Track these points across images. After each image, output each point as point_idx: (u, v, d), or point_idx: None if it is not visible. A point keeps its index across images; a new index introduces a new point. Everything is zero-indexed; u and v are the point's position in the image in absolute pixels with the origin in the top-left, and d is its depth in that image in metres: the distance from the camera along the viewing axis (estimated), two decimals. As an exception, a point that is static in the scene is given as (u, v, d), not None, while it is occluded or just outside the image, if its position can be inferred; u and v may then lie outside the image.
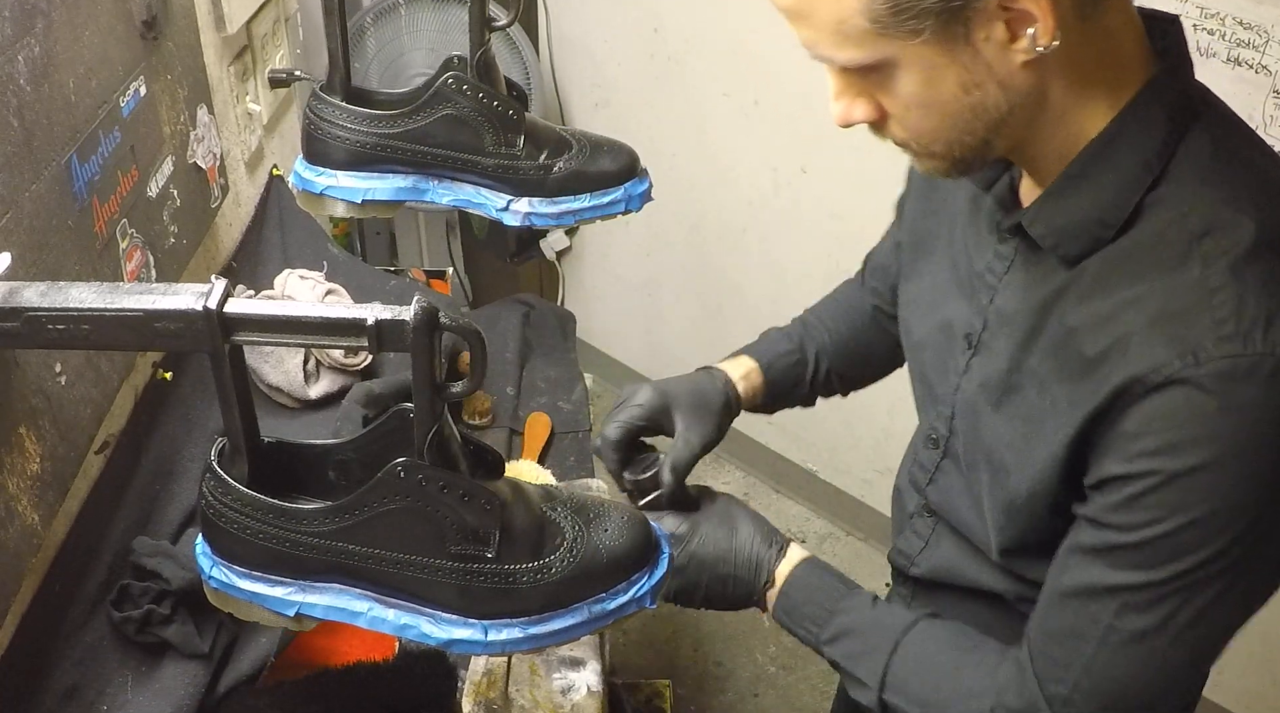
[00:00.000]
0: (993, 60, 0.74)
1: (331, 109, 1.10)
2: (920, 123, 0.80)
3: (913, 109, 0.79)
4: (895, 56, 0.75)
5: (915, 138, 0.82)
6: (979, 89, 0.76)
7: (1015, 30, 0.73)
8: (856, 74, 0.80)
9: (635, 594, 0.88)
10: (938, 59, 0.75)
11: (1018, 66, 0.75)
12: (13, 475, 0.96)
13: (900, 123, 0.81)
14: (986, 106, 0.77)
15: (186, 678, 1.10)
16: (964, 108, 0.77)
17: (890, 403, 2.45)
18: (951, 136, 0.80)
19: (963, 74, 0.75)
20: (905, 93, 0.78)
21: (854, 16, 0.73)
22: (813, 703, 2.31)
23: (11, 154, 0.96)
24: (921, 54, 0.74)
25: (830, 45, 0.77)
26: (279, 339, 0.76)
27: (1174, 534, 0.78)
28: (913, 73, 0.76)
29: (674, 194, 2.56)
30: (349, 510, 0.81)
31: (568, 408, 1.70)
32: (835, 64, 0.79)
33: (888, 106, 0.81)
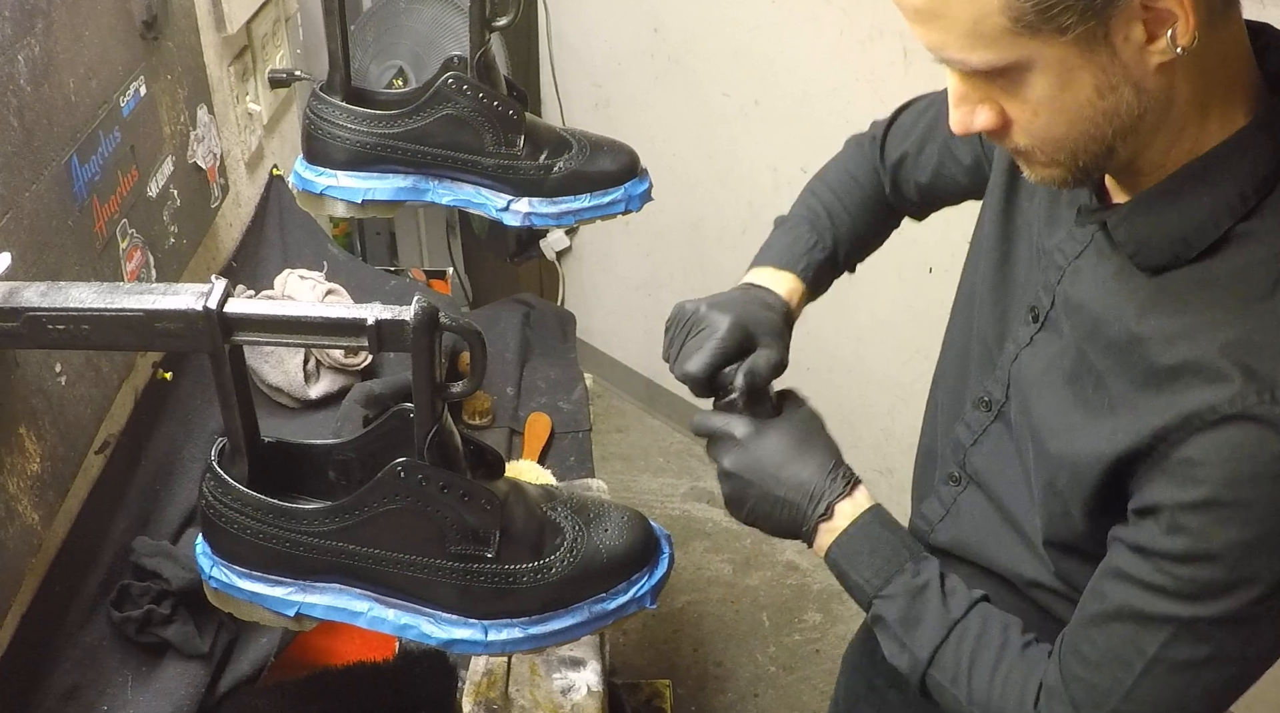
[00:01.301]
0: (1129, 62, 0.73)
1: (331, 109, 1.10)
2: (1048, 129, 0.78)
3: (1042, 114, 0.77)
4: (1031, 58, 0.74)
5: (1040, 145, 0.80)
6: (1113, 92, 0.75)
7: (1153, 31, 0.72)
8: (983, 78, 0.77)
9: (635, 594, 0.88)
10: (1075, 60, 0.73)
11: (1152, 69, 0.74)
12: (13, 475, 0.96)
13: (1025, 130, 0.79)
14: (1120, 111, 0.76)
15: (186, 678, 1.10)
16: (1096, 112, 0.76)
17: (890, 403, 2.45)
18: (1078, 144, 0.78)
19: (1099, 76, 0.74)
20: (1036, 96, 0.76)
21: (994, 15, 0.71)
22: (813, 703, 2.31)
23: (11, 154, 0.96)
24: (1060, 55, 0.73)
25: (962, 46, 0.75)
26: (279, 339, 0.76)
27: (1225, 570, 0.77)
28: (1048, 75, 0.74)
29: (674, 194, 2.56)
30: (349, 510, 0.82)
31: (568, 408, 1.70)
32: (966, 67, 0.76)
33: (1012, 112, 0.79)
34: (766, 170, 2.42)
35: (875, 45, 2.10)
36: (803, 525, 0.97)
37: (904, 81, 2.08)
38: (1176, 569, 0.79)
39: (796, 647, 2.43)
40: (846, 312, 2.43)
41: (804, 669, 2.38)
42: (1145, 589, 0.81)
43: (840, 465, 0.98)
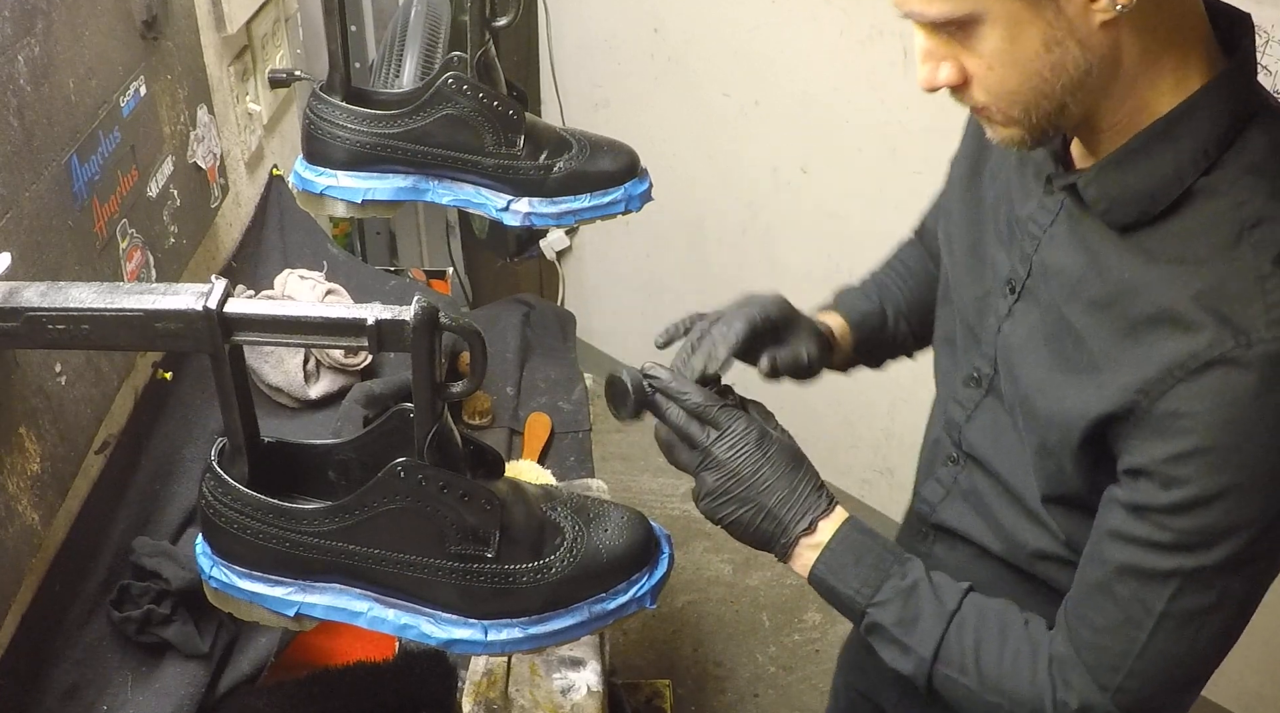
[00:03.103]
0: (1074, 18, 0.77)
1: (331, 109, 1.10)
2: (1002, 82, 0.82)
3: (995, 68, 0.82)
4: (983, 11, 0.78)
5: (996, 99, 0.84)
6: (1059, 46, 0.79)
7: None
8: (944, 34, 0.82)
9: (635, 594, 0.88)
10: (1022, 14, 0.78)
11: (1096, 26, 0.78)
12: (13, 475, 0.96)
13: (982, 85, 0.84)
14: (1065, 65, 0.80)
15: (186, 678, 1.10)
16: (1044, 66, 0.80)
17: (890, 403, 2.45)
18: (1030, 99, 0.82)
19: (1045, 30, 0.78)
20: (989, 50, 0.81)
21: None
22: (813, 703, 2.31)
23: (11, 154, 0.96)
24: (1008, 9, 0.78)
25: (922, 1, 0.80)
26: (279, 339, 0.76)
27: (1222, 514, 0.80)
28: (998, 28, 0.79)
29: (674, 194, 2.56)
30: (349, 510, 0.81)
31: (568, 408, 1.70)
32: (925, 19, 0.81)
33: (971, 68, 0.83)
34: (766, 170, 2.42)
35: (875, 45, 2.10)
36: (782, 539, 0.97)
37: (904, 81, 2.08)
38: (1175, 522, 0.81)
39: (796, 647, 2.43)
40: (846, 312, 2.43)
41: (804, 669, 2.38)
42: (1147, 547, 0.83)
43: (824, 486, 1.00)
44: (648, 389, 0.99)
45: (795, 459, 0.99)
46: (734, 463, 0.96)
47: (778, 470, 0.96)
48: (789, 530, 0.96)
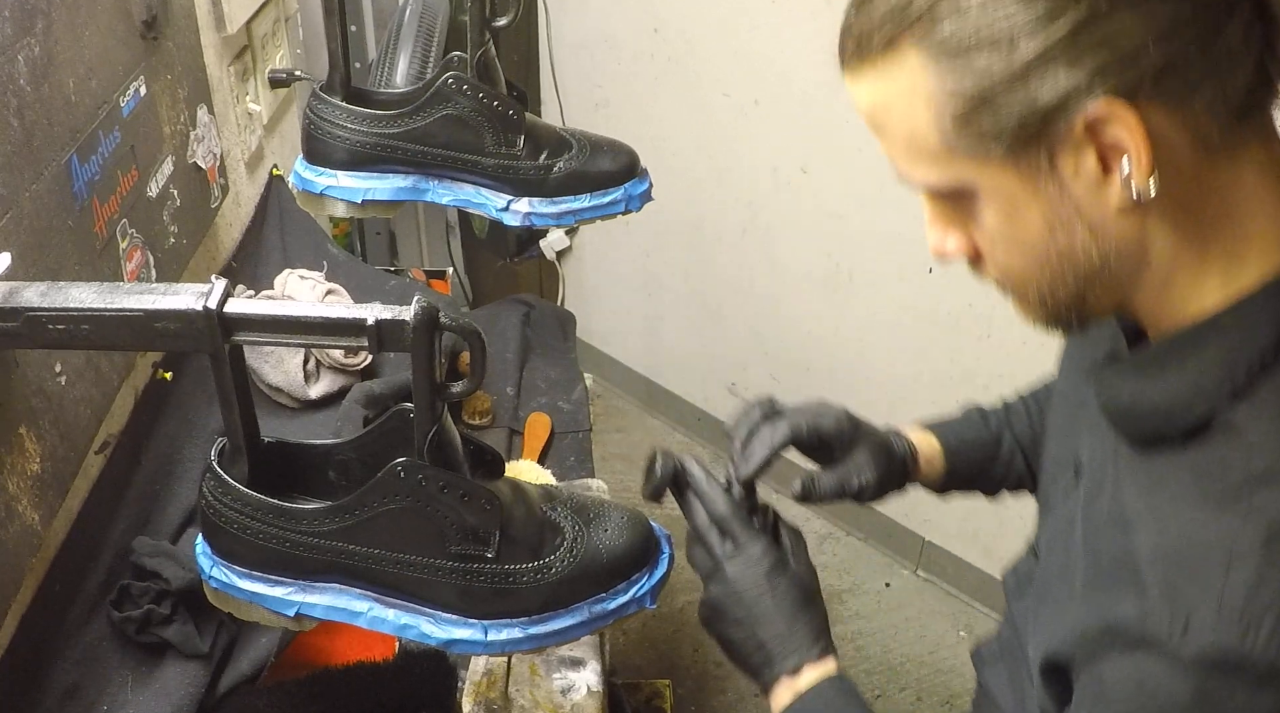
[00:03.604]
0: (1082, 199, 0.65)
1: (331, 109, 1.10)
2: (1008, 262, 0.71)
3: (999, 246, 0.70)
4: (972, 183, 0.67)
5: (1006, 281, 0.73)
6: (1066, 231, 0.66)
7: (1110, 164, 0.63)
8: (946, 201, 0.71)
9: (635, 594, 0.88)
10: (1017, 189, 0.66)
11: (1113, 210, 0.65)
12: (13, 475, 0.96)
13: (991, 261, 0.72)
14: (1075, 252, 0.67)
15: (186, 678, 1.10)
16: (1050, 250, 0.68)
17: (890, 403, 2.45)
18: (1042, 284, 0.70)
19: (1047, 210, 0.66)
20: (988, 226, 0.69)
21: (926, 130, 0.66)
22: (813, 703, 2.31)
23: (11, 154, 0.96)
24: (1000, 182, 0.66)
25: (906, 162, 0.70)
26: (279, 339, 0.76)
27: None
28: (993, 203, 0.68)
29: (674, 194, 2.55)
30: (349, 510, 0.82)
31: (568, 408, 1.70)
32: (913, 184, 0.71)
33: (979, 242, 0.72)
34: (766, 170, 2.42)
35: (875, 45, 2.10)
36: (765, 673, 0.91)
37: None
38: None
39: (796, 647, 2.43)
40: (846, 312, 2.43)
41: (804, 669, 2.38)
42: None
43: (827, 634, 0.92)
44: (681, 477, 0.96)
45: (805, 598, 0.91)
46: (740, 584, 0.90)
47: (781, 605, 0.90)
48: (774, 667, 0.90)
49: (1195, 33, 0.60)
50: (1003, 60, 0.62)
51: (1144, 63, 0.60)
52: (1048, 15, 0.60)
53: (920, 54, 0.65)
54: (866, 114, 0.71)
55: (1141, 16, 0.60)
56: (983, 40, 0.62)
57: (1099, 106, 0.61)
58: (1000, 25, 0.61)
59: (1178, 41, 0.60)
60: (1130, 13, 0.60)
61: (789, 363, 2.62)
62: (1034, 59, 0.61)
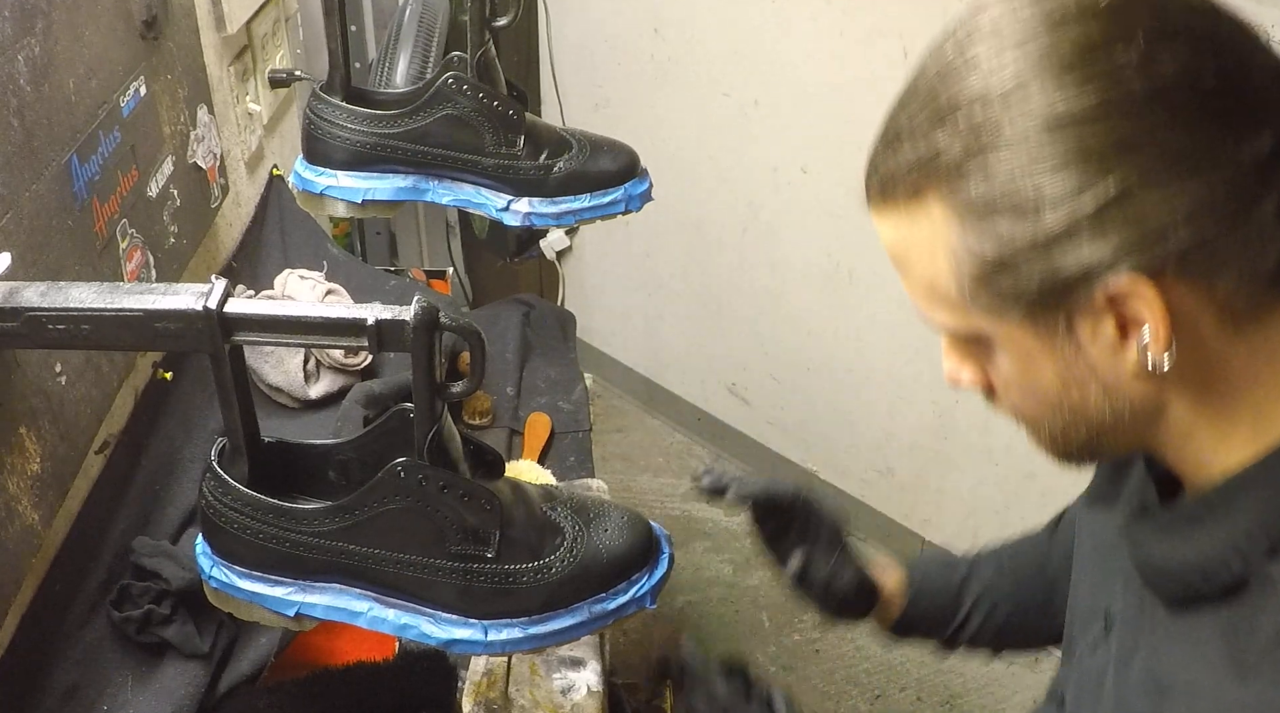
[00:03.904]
0: (1098, 361, 0.64)
1: (331, 109, 1.10)
2: (1021, 405, 0.71)
3: (1012, 390, 0.70)
4: (989, 332, 0.67)
5: (1019, 417, 0.72)
6: (1079, 388, 0.66)
7: (1128, 331, 0.62)
8: (962, 341, 0.71)
9: (635, 594, 0.88)
10: (1033, 345, 0.65)
11: (1129, 373, 0.63)
12: (13, 475, 0.96)
13: (1005, 399, 0.72)
14: (1087, 407, 0.67)
15: (186, 678, 1.10)
16: (1063, 404, 0.67)
17: (890, 403, 2.45)
18: (1055, 429, 0.69)
19: (1061, 368, 0.65)
20: (1003, 371, 0.69)
21: (945, 281, 0.65)
22: (813, 703, 2.31)
23: (11, 154, 0.96)
24: (1016, 336, 0.65)
25: (925, 304, 0.69)
26: (279, 339, 0.76)
27: None
28: (1008, 353, 0.67)
29: (674, 194, 2.56)
30: (349, 510, 0.82)
31: (568, 408, 1.70)
32: (932, 325, 0.70)
33: (993, 380, 0.71)
34: (766, 170, 2.42)
35: (875, 45, 2.10)
36: None
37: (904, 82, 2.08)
38: None
39: (796, 647, 2.43)
40: (846, 312, 2.43)
41: (804, 669, 2.38)
42: None
43: None
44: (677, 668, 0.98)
45: None
46: None
47: None
48: None
49: (1226, 212, 0.59)
50: (1027, 229, 0.61)
51: (1171, 242, 0.59)
52: (1076, 189, 0.59)
53: (944, 208, 0.64)
54: (888, 250, 0.70)
55: (1171, 196, 0.58)
56: (1008, 206, 0.61)
57: (1121, 282, 0.60)
58: (1027, 193, 0.60)
59: (1207, 222, 0.59)
60: (1160, 192, 0.58)
61: (789, 363, 2.62)
62: (1059, 231, 0.60)
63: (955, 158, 0.62)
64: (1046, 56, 0.60)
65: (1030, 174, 0.60)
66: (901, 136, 0.66)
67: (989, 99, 0.61)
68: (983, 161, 0.61)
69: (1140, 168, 0.58)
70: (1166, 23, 0.60)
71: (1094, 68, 0.59)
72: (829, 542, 1.00)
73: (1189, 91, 0.59)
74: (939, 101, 0.64)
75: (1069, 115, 0.59)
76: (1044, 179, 0.59)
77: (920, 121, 0.65)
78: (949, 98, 0.63)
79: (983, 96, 0.61)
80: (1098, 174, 0.58)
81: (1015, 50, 0.61)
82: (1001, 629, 1.06)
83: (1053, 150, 0.59)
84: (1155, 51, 0.59)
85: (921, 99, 0.65)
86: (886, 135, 0.68)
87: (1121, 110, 0.58)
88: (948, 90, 0.63)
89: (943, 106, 0.63)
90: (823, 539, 1.00)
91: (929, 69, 0.66)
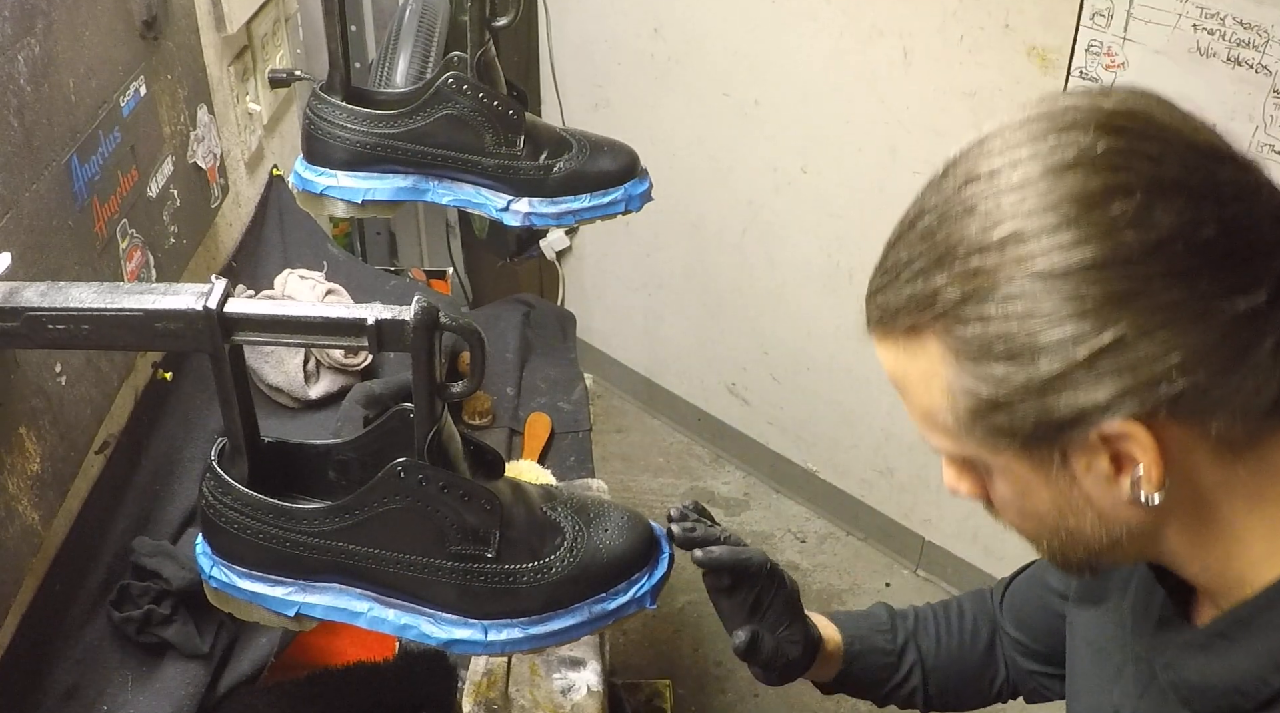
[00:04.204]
0: (1093, 492, 0.65)
1: (331, 109, 1.10)
2: (1020, 525, 0.72)
3: (1009, 511, 0.71)
4: (985, 460, 0.68)
5: (1020, 533, 0.74)
6: (1075, 515, 0.67)
7: (1122, 466, 0.63)
8: (958, 458, 0.72)
9: (635, 594, 0.88)
10: (1029, 475, 0.66)
11: (1124, 502, 0.64)
12: (13, 475, 0.96)
13: (1003, 515, 0.73)
14: (1085, 532, 0.68)
15: (186, 678, 1.10)
16: (1060, 527, 0.69)
17: (890, 403, 2.45)
18: (1053, 546, 0.71)
19: (1057, 496, 0.66)
20: (1000, 494, 0.70)
21: (942, 413, 0.67)
22: (813, 703, 2.31)
23: (11, 154, 0.96)
24: (1012, 466, 0.67)
25: (923, 429, 0.71)
26: (279, 339, 0.76)
27: None
28: (1005, 479, 0.68)
29: (674, 194, 2.56)
30: (349, 510, 0.82)
31: (568, 408, 1.70)
32: (930, 445, 0.71)
33: (991, 497, 0.73)
34: (766, 170, 2.42)
35: (875, 45, 2.10)
36: None
37: (904, 81, 2.08)
38: None
39: (796, 647, 2.43)
40: (846, 312, 2.43)
41: (804, 669, 2.38)
42: None
43: None
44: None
45: None
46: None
47: None
48: None
49: (1222, 359, 0.59)
50: (1022, 373, 0.61)
51: (1165, 389, 0.59)
52: (1072, 339, 0.59)
53: (941, 347, 0.64)
54: (888, 373, 0.71)
55: (1166, 346, 0.59)
56: (1003, 352, 0.61)
57: (1115, 425, 0.60)
58: (1022, 341, 0.61)
59: (1202, 369, 0.59)
60: (1155, 342, 0.59)
61: (789, 363, 2.62)
62: (1054, 376, 0.60)
63: (952, 301, 0.63)
64: (1044, 207, 0.60)
65: (1026, 323, 0.60)
66: (900, 272, 0.66)
67: (986, 247, 0.61)
68: (979, 309, 0.62)
69: (1135, 320, 0.58)
70: (1165, 173, 0.60)
71: (1090, 221, 0.59)
72: (782, 612, 1.00)
73: (1186, 246, 0.58)
74: (937, 242, 0.64)
75: (1065, 268, 0.59)
76: (1039, 328, 0.60)
77: (918, 260, 0.65)
78: (947, 240, 0.63)
79: (981, 245, 0.61)
80: (1093, 325, 0.59)
81: (1013, 195, 0.61)
82: (934, 697, 1.08)
83: (1048, 301, 0.59)
84: (1153, 205, 0.59)
85: (919, 235, 0.65)
86: (885, 266, 0.68)
87: (1117, 264, 0.58)
88: (946, 232, 0.63)
89: (941, 248, 0.63)
90: (776, 609, 0.99)
91: (929, 204, 0.66)
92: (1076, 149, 0.61)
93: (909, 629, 1.09)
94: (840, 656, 1.06)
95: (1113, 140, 0.61)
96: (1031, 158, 0.62)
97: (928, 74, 2.04)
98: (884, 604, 1.11)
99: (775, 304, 2.58)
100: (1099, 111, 0.63)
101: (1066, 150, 0.61)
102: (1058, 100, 0.65)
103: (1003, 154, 0.63)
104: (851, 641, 1.07)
